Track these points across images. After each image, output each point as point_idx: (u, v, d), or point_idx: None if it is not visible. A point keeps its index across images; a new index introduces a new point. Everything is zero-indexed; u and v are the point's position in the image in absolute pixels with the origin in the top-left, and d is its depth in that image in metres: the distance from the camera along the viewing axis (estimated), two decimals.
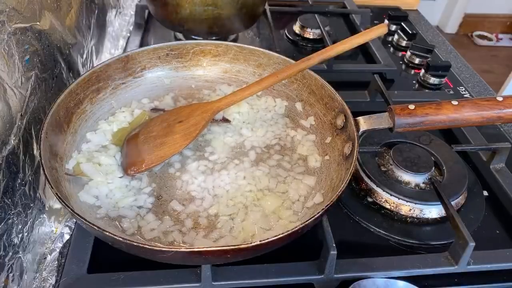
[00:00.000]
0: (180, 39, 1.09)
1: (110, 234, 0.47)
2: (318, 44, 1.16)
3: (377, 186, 0.71)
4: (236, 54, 0.81)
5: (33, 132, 0.62)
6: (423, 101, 0.64)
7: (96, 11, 0.95)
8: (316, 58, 0.68)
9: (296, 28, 1.20)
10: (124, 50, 1.07)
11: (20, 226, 0.56)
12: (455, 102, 0.61)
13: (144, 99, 0.78)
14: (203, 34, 1.00)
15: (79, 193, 0.61)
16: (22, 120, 0.58)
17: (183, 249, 0.49)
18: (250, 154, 0.71)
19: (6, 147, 0.54)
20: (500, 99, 0.60)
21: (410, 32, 1.16)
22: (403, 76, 1.07)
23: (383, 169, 0.73)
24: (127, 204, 0.62)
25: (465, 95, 1.00)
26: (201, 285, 0.56)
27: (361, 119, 0.63)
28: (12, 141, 0.55)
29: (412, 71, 1.08)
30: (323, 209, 0.52)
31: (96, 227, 0.48)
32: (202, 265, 0.54)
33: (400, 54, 1.15)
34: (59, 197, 0.51)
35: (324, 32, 1.09)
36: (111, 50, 1.05)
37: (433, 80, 1.01)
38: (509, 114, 0.60)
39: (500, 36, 3.63)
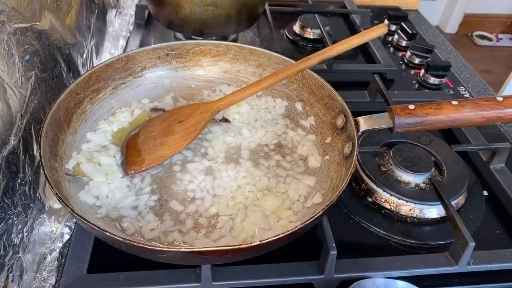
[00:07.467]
0: (180, 39, 1.09)
1: (110, 234, 0.47)
2: (318, 44, 1.15)
3: (377, 186, 0.71)
4: (236, 54, 0.81)
5: (33, 132, 0.62)
6: (423, 101, 0.64)
7: (96, 11, 0.95)
8: (316, 58, 0.68)
9: (296, 28, 1.20)
10: (124, 50, 1.07)
11: (20, 226, 0.56)
12: (455, 102, 0.61)
13: (144, 99, 0.78)
14: (203, 34, 1.00)
15: (79, 193, 0.61)
16: (22, 120, 0.58)
17: (183, 249, 0.49)
18: (250, 154, 0.71)
19: (6, 147, 0.54)
20: (500, 99, 0.60)
21: (410, 32, 1.16)
22: (403, 76, 1.07)
23: (383, 169, 0.73)
24: (128, 204, 0.62)
25: (465, 95, 1.00)
26: (201, 285, 0.56)
27: (361, 119, 0.63)
28: (12, 141, 0.55)
29: (412, 71, 1.08)
30: (323, 209, 0.52)
31: (96, 227, 0.48)
32: (202, 265, 0.54)
33: (400, 54, 1.15)
34: (59, 197, 0.51)
35: (324, 32, 1.09)
36: (111, 50, 1.05)
37: (433, 80, 1.01)
38: (509, 114, 0.60)
39: (500, 36, 3.63)
